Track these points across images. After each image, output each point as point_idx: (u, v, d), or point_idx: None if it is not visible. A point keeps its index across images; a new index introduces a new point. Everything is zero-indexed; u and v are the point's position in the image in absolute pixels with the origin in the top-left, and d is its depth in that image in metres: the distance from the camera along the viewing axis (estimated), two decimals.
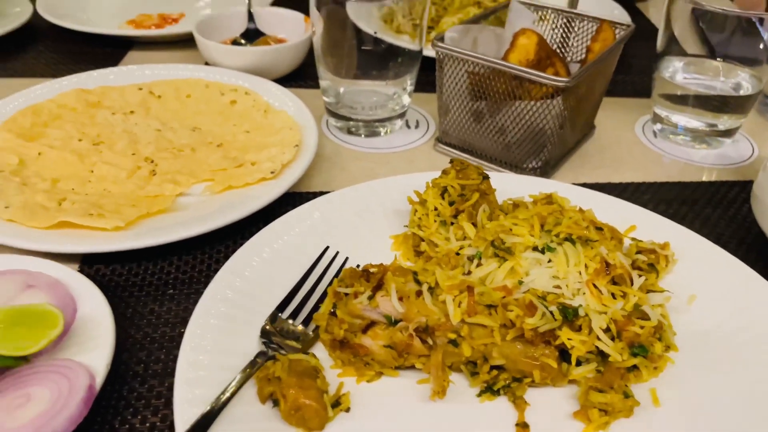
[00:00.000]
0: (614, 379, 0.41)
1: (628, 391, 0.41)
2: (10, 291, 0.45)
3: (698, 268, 0.51)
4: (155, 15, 0.97)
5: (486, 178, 0.53)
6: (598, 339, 0.41)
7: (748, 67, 0.70)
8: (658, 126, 0.75)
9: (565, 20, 0.72)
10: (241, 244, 0.50)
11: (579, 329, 0.42)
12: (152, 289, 0.51)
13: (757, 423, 0.40)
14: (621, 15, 0.97)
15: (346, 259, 0.50)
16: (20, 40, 0.90)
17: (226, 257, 0.53)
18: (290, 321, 0.45)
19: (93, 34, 0.89)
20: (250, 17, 0.86)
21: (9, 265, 0.48)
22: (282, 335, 0.44)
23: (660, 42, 0.72)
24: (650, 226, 0.54)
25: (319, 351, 0.44)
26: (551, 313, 0.42)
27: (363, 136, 0.72)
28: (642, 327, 0.42)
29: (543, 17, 0.73)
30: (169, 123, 0.69)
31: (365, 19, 0.68)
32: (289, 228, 0.52)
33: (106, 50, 0.88)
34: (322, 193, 0.59)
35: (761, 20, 0.65)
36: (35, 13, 0.92)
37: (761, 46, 0.67)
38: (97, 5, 0.98)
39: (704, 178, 0.68)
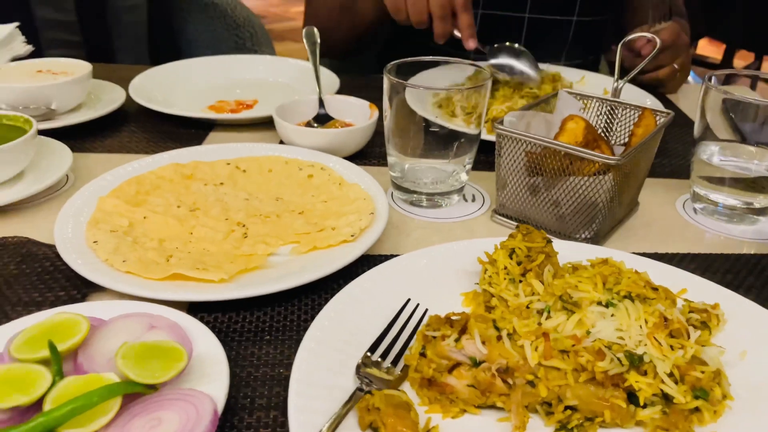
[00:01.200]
0: (679, 420, 0.45)
1: (691, 430, 0.45)
2: (137, 330, 0.52)
3: (747, 327, 0.56)
4: (232, 101, 1.08)
5: (549, 241, 0.59)
6: (663, 383, 0.46)
7: None
8: (698, 204, 0.81)
9: (608, 108, 0.81)
10: (326, 299, 0.57)
11: (645, 374, 0.47)
12: (251, 335, 0.57)
13: None
14: (655, 104, 1.06)
15: (426, 309, 0.56)
16: (115, 122, 1.01)
17: (313, 309, 0.60)
18: (381, 360, 0.51)
19: (179, 117, 1.00)
20: (321, 103, 0.96)
21: (133, 310, 0.55)
22: (375, 375, 0.49)
23: (697, 129, 0.79)
24: (699, 290, 0.60)
25: (406, 390, 0.49)
26: (618, 359, 0.47)
27: (425, 207, 0.80)
28: (702, 372, 0.46)
29: (588, 105, 0.81)
30: (255, 193, 0.77)
31: (421, 104, 0.77)
32: (373, 283, 0.59)
33: (190, 131, 0.99)
34: (392, 256, 0.65)
35: None
36: (128, 98, 1.04)
37: None
38: (181, 92, 1.10)
39: (744, 251, 0.74)
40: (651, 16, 1.11)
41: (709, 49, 4.85)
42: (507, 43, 1.09)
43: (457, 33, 1.04)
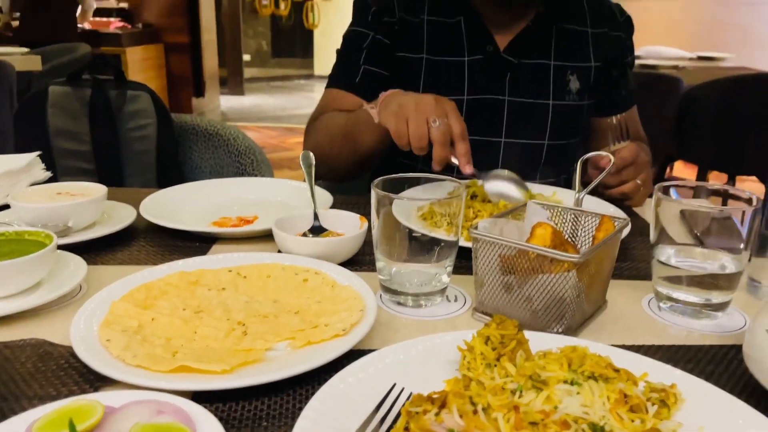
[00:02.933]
0: None
1: None
2: (146, 414, 0.57)
3: (704, 406, 0.61)
4: (234, 218, 1.18)
5: (521, 330, 0.66)
6: None
7: (729, 252, 0.85)
8: (661, 302, 0.89)
9: (573, 216, 0.90)
10: (319, 388, 0.62)
11: None
12: (249, 422, 0.62)
13: None
14: (617, 212, 1.16)
15: (411, 393, 0.62)
16: (126, 237, 1.10)
17: (307, 398, 0.64)
18: None
19: (185, 231, 1.09)
20: (316, 217, 1.06)
21: (142, 398, 0.60)
22: None
23: (652, 234, 0.89)
24: (660, 374, 0.65)
25: None
26: (583, 429, 0.52)
27: (411, 307, 0.87)
28: None
29: (554, 214, 0.91)
30: (254, 297, 0.84)
31: (405, 215, 0.86)
32: (362, 371, 0.64)
33: (195, 244, 1.07)
34: None
35: (731, 215, 0.83)
36: (138, 216, 1.13)
37: (737, 235, 0.83)
38: (187, 211, 1.20)
39: (705, 343, 0.80)
40: (610, 137, 1.24)
41: (684, 171, 5.14)
42: (498, 170, 1.19)
43: (454, 159, 1.12)
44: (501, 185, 1.17)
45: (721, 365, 0.75)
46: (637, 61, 4.54)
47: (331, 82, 1.47)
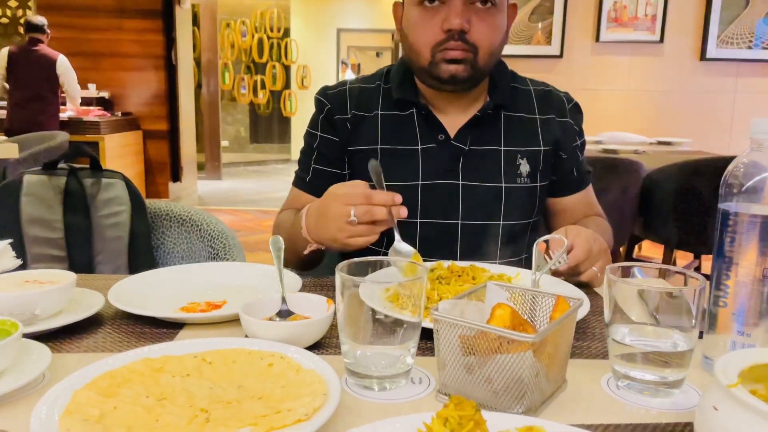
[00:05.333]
0: None
1: None
2: None
3: None
4: (203, 302, 1.19)
5: (478, 410, 0.67)
6: None
7: (681, 330, 0.88)
8: (619, 380, 0.91)
9: (531, 297, 0.94)
10: None
11: None
12: None
13: None
14: (574, 292, 1.20)
15: None
16: (93, 324, 1.10)
17: None
18: None
19: (152, 318, 1.09)
20: (284, 300, 1.08)
21: None
22: None
23: (606, 314, 0.92)
24: None
25: None
26: None
27: (376, 390, 0.87)
28: None
29: (513, 295, 0.94)
30: (219, 383, 0.85)
31: (373, 298, 0.89)
32: None
33: (162, 330, 1.08)
34: None
35: (678, 294, 0.87)
36: (105, 303, 1.14)
37: (687, 313, 0.87)
38: (156, 297, 1.21)
39: (661, 421, 0.82)
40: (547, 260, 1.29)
41: (652, 250, 5.28)
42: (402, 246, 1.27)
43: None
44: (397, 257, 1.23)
45: None
46: (598, 146, 4.75)
47: (294, 181, 1.61)
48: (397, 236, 1.26)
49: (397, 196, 1.18)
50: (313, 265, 1.51)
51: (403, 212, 1.19)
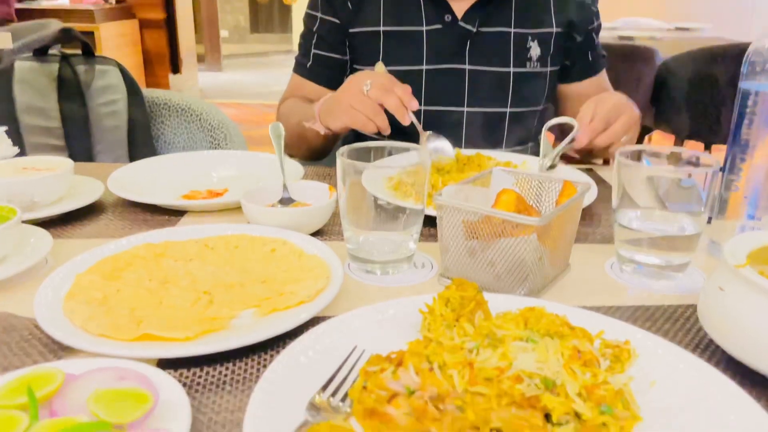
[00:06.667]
0: None
1: None
2: (107, 381, 0.57)
3: (659, 361, 0.63)
4: (204, 191, 1.18)
5: (480, 291, 0.67)
6: (574, 402, 0.53)
7: (689, 214, 0.87)
8: (623, 264, 0.90)
9: (537, 182, 0.91)
10: None
11: (558, 395, 0.53)
12: (213, 386, 0.63)
13: None
14: (581, 177, 1.17)
15: (371, 354, 0.63)
16: (94, 212, 1.09)
17: (271, 363, 0.65)
18: (330, 399, 0.56)
19: (154, 205, 1.08)
20: (285, 188, 1.06)
21: (103, 365, 0.60)
22: (324, 409, 0.55)
23: (614, 198, 0.90)
24: (617, 332, 0.67)
25: (352, 424, 0.55)
26: (535, 384, 0.54)
27: (379, 274, 0.87)
28: (606, 390, 0.53)
29: (519, 180, 0.92)
30: (221, 267, 0.85)
31: (375, 186, 0.87)
32: (324, 335, 0.65)
33: (164, 218, 1.07)
34: None
35: (689, 176, 0.84)
36: (106, 191, 1.12)
37: (697, 198, 0.85)
38: (156, 185, 1.19)
39: (664, 303, 0.82)
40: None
41: (662, 142, 5.20)
42: (436, 133, 1.26)
43: (412, 117, 1.20)
44: (438, 142, 1.25)
45: (678, 323, 0.77)
46: (614, 32, 4.53)
47: (294, 67, 1.55)
48: (428, 133, 1.26)
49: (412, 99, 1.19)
50: (320, 157, 1.48)
51: (414, 104, 1.18)
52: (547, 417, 0.53)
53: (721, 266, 0.68)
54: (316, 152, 1.45)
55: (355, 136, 1.42)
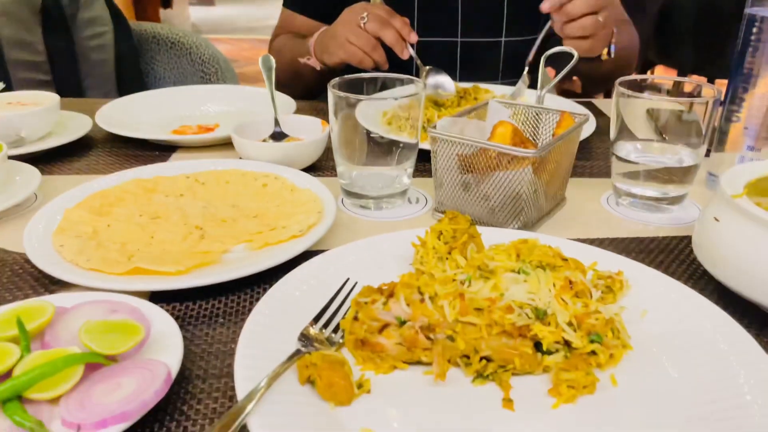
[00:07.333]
0: (578, 362, 0.52)
1: (590, 371, 0.51)
2: (99, 314, 0.57)
3: (649, 291, 0.63)
4: (195, 126, 1.15)
5: (473, 224, 0.66)
6: (564, 331, 0.53)
7: (688, 146, 0.85)
8: (619, 198, 0.89)
9: (534, 113, 0.89)
10: None
11: (548, 325, 0.53)
12: (206, 319, 0.63)
13: (693, 398, 0.51)
14: (580, 109, 1.15)
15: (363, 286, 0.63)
16: (82, 147, 1.07)
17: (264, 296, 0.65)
18: (322, 330, 0.57)
19: (143, 140, 1.06)
20: (276, 122, 1.04)
21: (95, 298, 0.60)
22: (316, 340, 0.55)
23: (612, 131, 0.88)
24: (610, 263, 0.67)
25: (344, 354, 0.55)
26: (526, 313, 0.54)
27: (372, 209, 0.87)
28: (597, 319, 0.53)
29: (516, 112, 0.90)
30: (213, 202, 0.84)
31: (370, 120, 0.84)
32: (317, 268, 0.65)
33: (154, 153, 1.05)
34: None
35: (692, 106, 0.82)
36: (95, 126, 1.10)
37: (697, 129, 0.83)
38: (146, 120, 1.17)
39: (659, 235, 0.81)
40: None
41: (665, 75, 5.11)
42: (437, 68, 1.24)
43: (412, 51, 1.18)
44: (438, 77, 1.22)
45: (672, 255, 0.76)
46: None
47: (284, 1, 1.50)
48: (428, 68, 1.23)
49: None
50: (315, 94, 1.45)
51: (413, 37, 1.16)
52: (538, 346, 0.53)
53: (717, 197, 0.67)
54: (311, 89, 1.42)
55: (352, 72, 1.39)
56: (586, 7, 1.07)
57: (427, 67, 1.22)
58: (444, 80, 1.22)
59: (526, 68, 1.11)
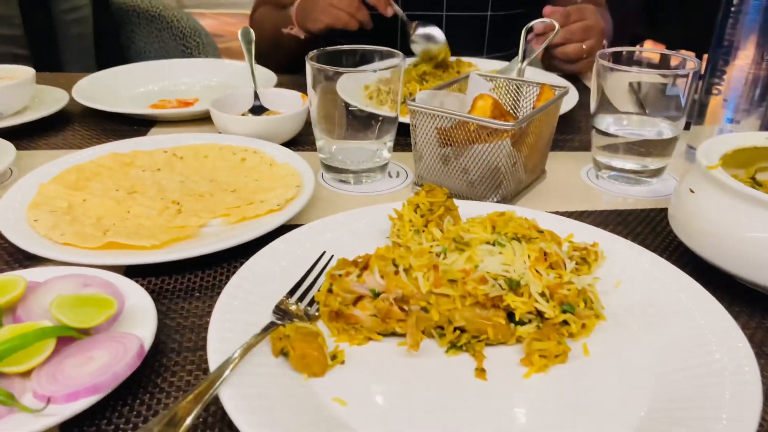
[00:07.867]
0: (550, 333, 0.52)
1: (562, 341, 0.52)
2: (71, 288, 0.57)
3: (626, 262, 0.63)
4: (174, 100, 1.14)
5: (450, 197, 0.66)
6: (536, 302, 0.53)
7: (668, 118, 0.85)
8: (599, 171, 0.89)
9: (514, 86, 0.89)
10: None
11: (521, 296, 0.53)
12: (181, 293, 0.63)
13: (665, 367, 0.51)
14: (560, 81, 1.15)
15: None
16: (59, 122, 1.05)
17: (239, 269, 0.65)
18: (297, 303, 0.56)
19: (121, 115, 1.05)
20: (256, 96, 1.02)
21: (68, 273, 0.59)
22: (291, 313, 0.55)
23: (593, 104, 0.88)
24: (585, 235, 0.67)
25: (319, 326, 0.55)
26: (499, 284, 0.54)
27: (352, 183, 0.86)
28: (569, 290, 0.54)
29: (497, 86, 0.89)
30: (190, 177, 0.83)
31: (350, 93, 0.83)
32: (294, 242, 0.64)
33: (132, 128, 1.04)
34: None
35: (674, 79, 0.82)
36: (72, 101, 1.08)
37: (676, 101, 0.83)
38: (124, 94, 1.15)
39: (638, 207, 0.82)
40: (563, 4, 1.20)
41: (650, 48, 5.09)
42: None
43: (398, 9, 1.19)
44: (427, 29, 1.23)
45: (650, 227, 0.77)
46: None
47: None
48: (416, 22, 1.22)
49: None
50: (300, 66, 1.43)
51: (390, 11, 1.17)
52: (511, 317, 0.54)
53: (694, 168, 0.67)
54: (297, 59, 1.39)
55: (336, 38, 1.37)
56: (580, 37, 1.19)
57: (415, 22, 1.21)
58: (433, 31, 1.23)
59: (524, 35, 1.10)
